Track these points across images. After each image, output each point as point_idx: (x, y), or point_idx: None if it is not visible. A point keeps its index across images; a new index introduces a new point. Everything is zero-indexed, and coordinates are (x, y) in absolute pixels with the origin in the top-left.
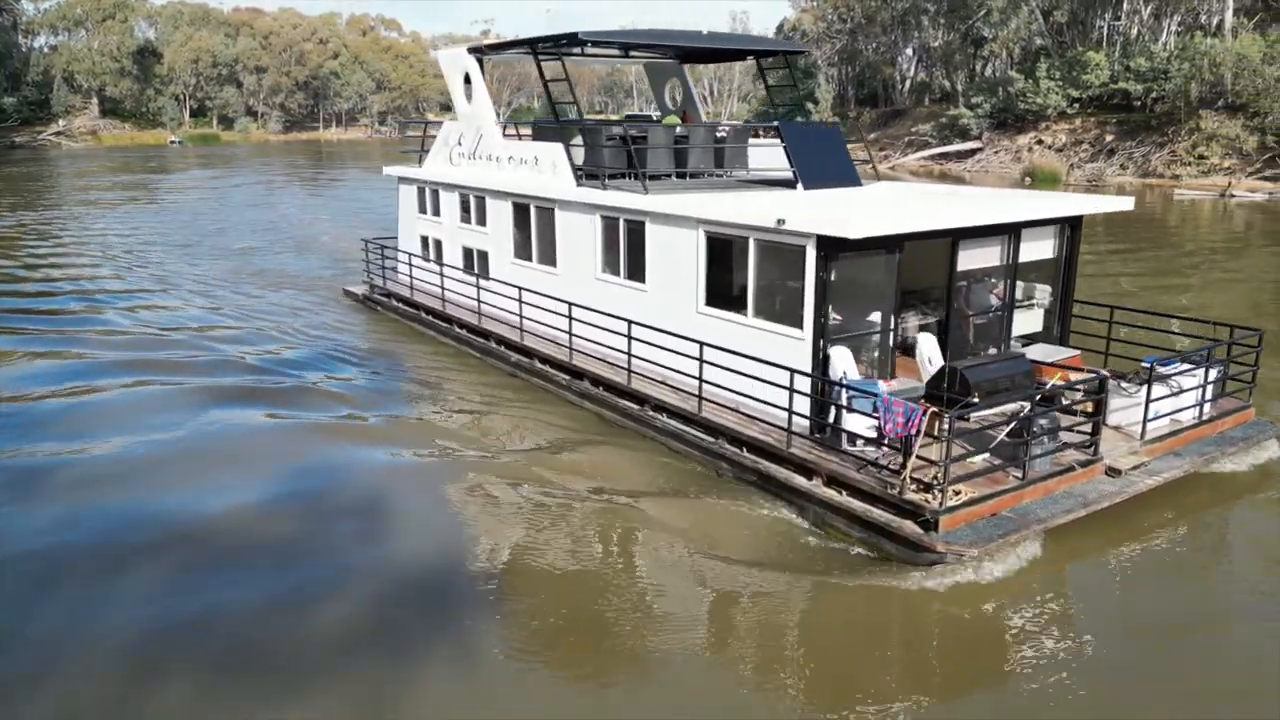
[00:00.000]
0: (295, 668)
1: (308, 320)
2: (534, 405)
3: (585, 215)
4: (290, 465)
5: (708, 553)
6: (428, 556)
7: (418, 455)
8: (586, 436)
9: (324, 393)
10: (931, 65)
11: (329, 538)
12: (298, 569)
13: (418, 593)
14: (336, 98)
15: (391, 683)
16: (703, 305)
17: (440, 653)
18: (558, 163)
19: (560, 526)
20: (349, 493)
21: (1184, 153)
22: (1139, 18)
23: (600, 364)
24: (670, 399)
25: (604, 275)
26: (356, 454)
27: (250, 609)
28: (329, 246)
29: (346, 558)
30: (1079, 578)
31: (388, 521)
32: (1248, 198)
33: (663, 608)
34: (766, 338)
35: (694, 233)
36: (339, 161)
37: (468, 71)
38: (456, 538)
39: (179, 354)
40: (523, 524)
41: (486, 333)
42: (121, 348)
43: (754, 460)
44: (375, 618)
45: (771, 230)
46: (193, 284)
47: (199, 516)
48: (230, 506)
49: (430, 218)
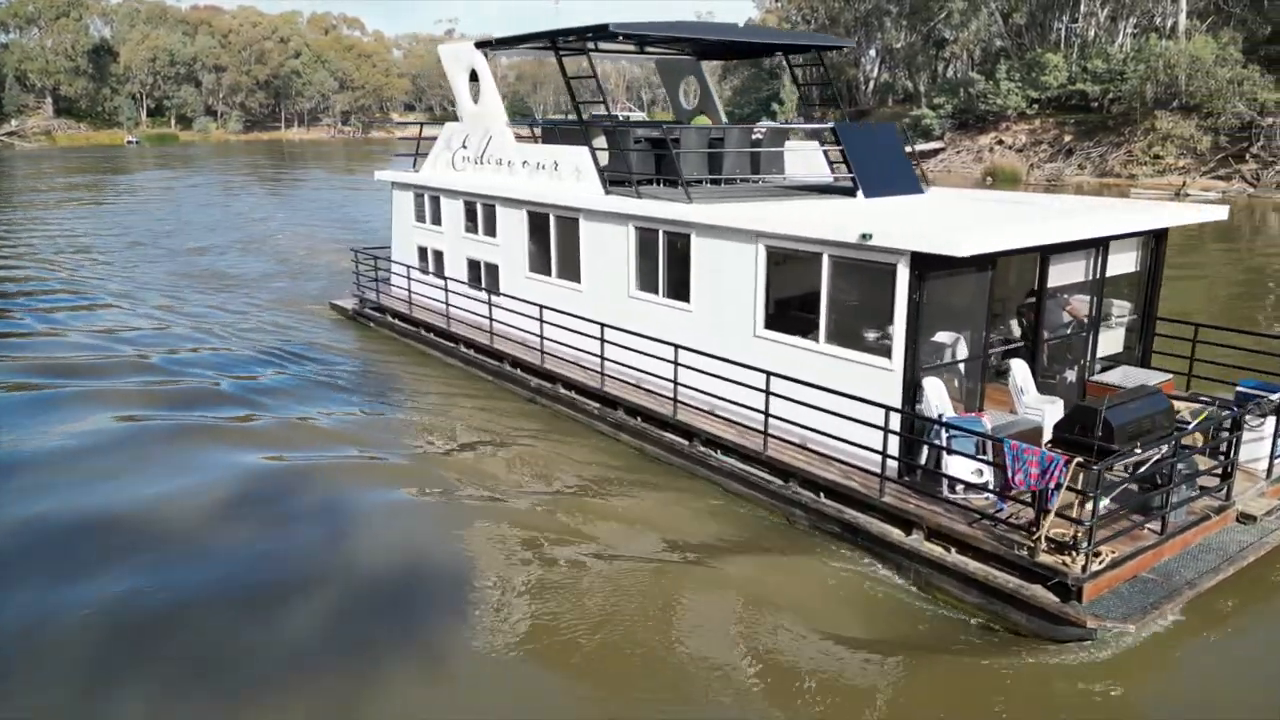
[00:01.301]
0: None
1: (294, 339)
2: (559, 437)
3: (616, 226)
4: (296, 511)
5: (790, 621)
6: (442, 627)
7: (430, 497)
8: (625, 474)
9: (320, 429)
10: (894, 66)
11: (337, 602)
12: (312, 632)
13: (438, 664)
14: (298, 97)
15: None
16: (761, 329)
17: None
18: (582, 168)
19: (604, 589)
20: (356, 550)
21: (1140, 152)
22: (1096, 20)
23: (637, 392)
24: (726, 434)
25: (639, 293)
26: (361, 499)
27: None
28: (308, 255)
29: (363, 627)
30: (1228, 650)
31: (399, 586)
32: (1202, 197)
33: (743, 695)
34: (844, 368)
35: (752, 247)
36: (302, 162)
37: (474, 68)
38: (475, 608)
39: (152, 381)
40: (558, 587)
41: (500, 354)
42: (90, 374)
43: (837, 508)
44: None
45: (852, 246)
46: (165, 298)
47: (208, 577)
48: (236, 561)
49: (429, 227)
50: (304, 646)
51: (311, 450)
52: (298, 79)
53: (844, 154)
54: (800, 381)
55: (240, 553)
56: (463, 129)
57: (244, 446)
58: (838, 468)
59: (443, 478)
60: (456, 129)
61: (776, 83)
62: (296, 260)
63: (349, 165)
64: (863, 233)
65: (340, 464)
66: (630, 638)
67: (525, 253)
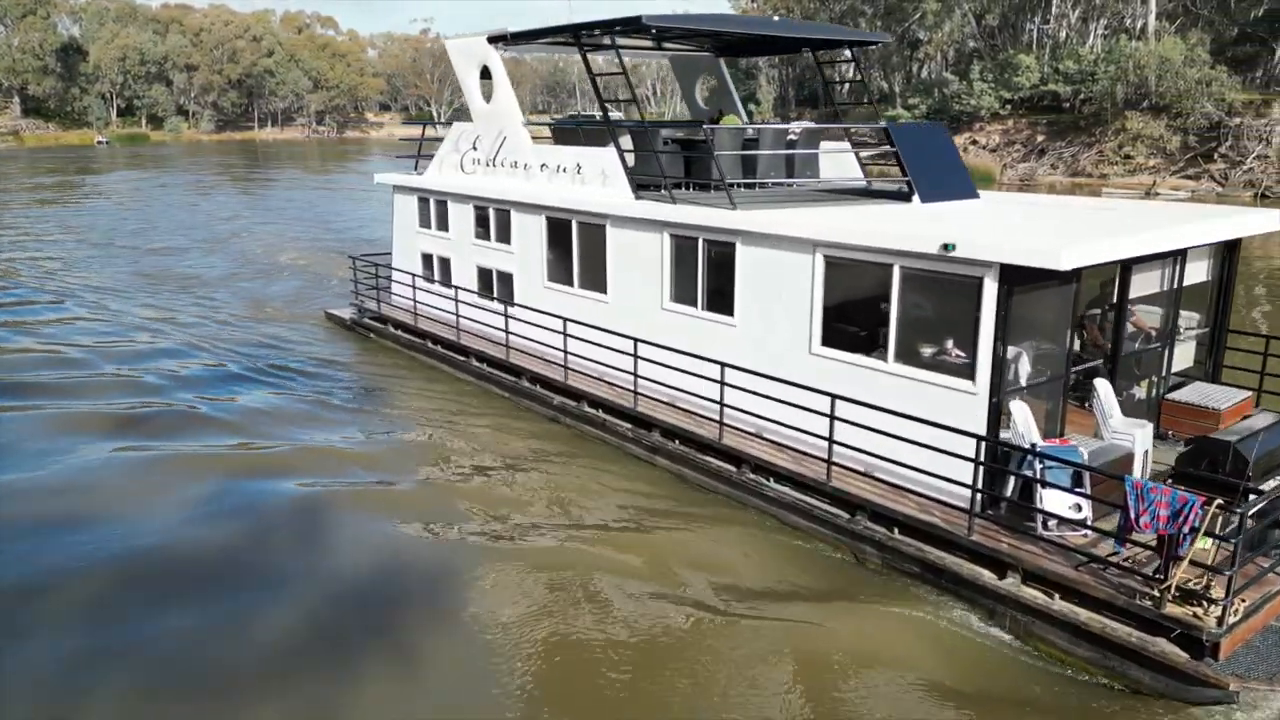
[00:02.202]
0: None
1: (290, 352)
2: (587, 460)
3: (648, 234)
4: (298, 546)
5: (868, 675)
6: (455, 689)
7: (442, 528)
8: (664, 503)
9: (323, 451)
10: (869, 67)
11: (347, 653)
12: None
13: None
14: (271, 97)
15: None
16: (818, 346)
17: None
18: (609, 171)
19: (641, 636)
20: (362, 592)
21: (1111, 152)
22: (1067, 21)
23: (674, 412)
24: (780, 460)
25: (673, 305)
26: (366, 530)
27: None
28: (292, 260)
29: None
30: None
31: (409, 635)
32: (1172, 195)
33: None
34: (917, 390)
35: (808, 258)
36: (276, 163)
37: (485, 64)
38: (490, 663)
39: (141, 403)
40: (586, 635)
41: (518, 369)
42: (81, 394)
43: (917, 547)
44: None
45: (930, 258)
46: (149, 308)
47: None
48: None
49: (435, 233)
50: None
51: (314, 476)
52: (270, 78)
53: (897, 156)
54: (870, 405)
55: (240, 589)
56: (473, 129)
57: (243, 474)
58: (913, 500)
59: (456, 506)
60: (466, 129)
61: (753, 83)
62: (282, 266)
63: (324, 166)
64: (945, 243)
65: (345, 490)
66: (673, 696)
67: (543, 261)
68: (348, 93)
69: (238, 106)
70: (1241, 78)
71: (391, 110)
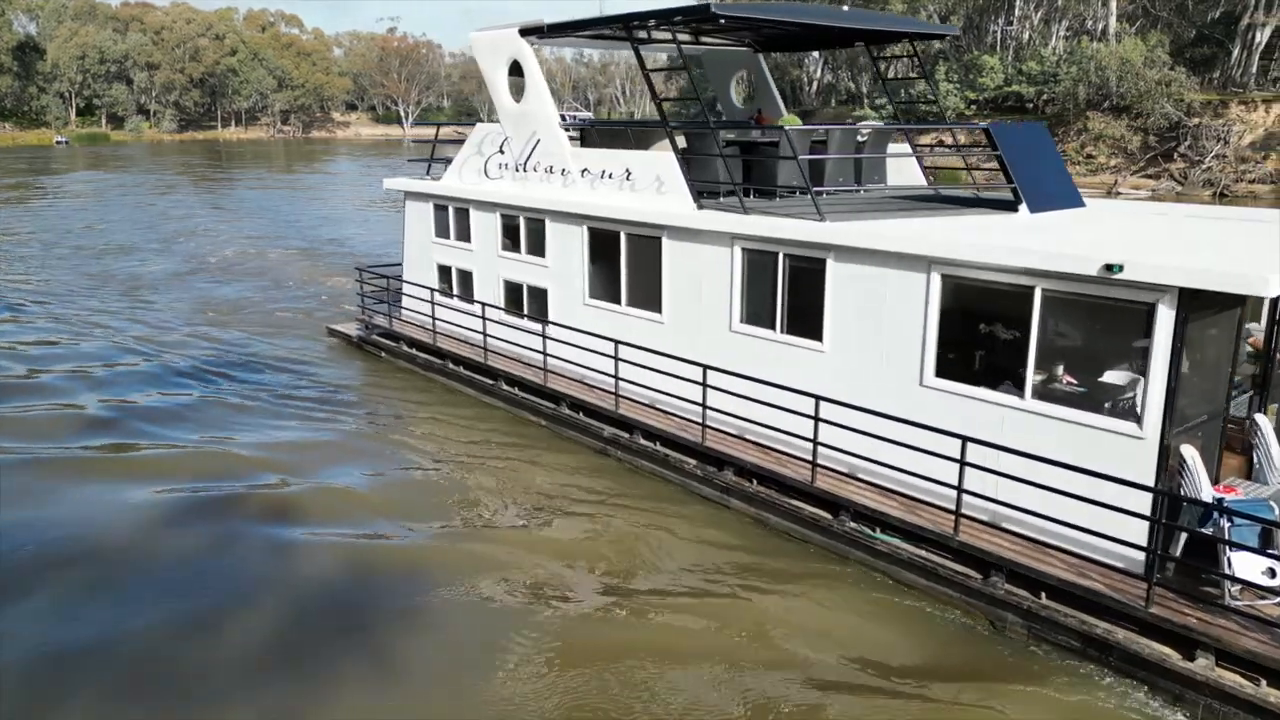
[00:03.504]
0: None
1: (294, 373)
2: (648, 501)
3: (715, 247)
4: (316, 633)
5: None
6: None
7: (481, 592)
8: (746, 556)
9: (339, 493)
10: (837, 68)
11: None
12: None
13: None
14: (235, 96)
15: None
16: (931, 378)
17: None
18: (666, 178)
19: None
20: (401, 672)
21: (1073, 152)
22: (1030, 23)
23: (748, 447)
24: (889, 508)
25: (744, 328)
26: (394, 595)
27: None
28: (281, 267)
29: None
30: None
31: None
32: (1133, 195)
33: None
34: (1063, 432)
35: (921, 277)
36: (240, 163)
37: (516, 59)
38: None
39: (138, 443)
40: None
41: (557, 394)
42: (66, 435)
43: (1077, 618)
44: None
45: (1084, 279)
46: (141, 325)
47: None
48: None
49: (453, 243)
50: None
51: (328, 525)
52: (234, 77)
53: (1001, 160)
54: (1015, 452)
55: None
56: (499, 131)
57: (248, 518)
58: (1061, 560)
59: (495, 557)
60: (491, 131)
61: None
62: (268, 275)
63: (291, 166)
64: (1110, 263)
65: (362, 543)
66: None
67: (584, 276)
68: (313, 92)
69: (200, 106)
70: (1200, 79)
71: (358, 110)
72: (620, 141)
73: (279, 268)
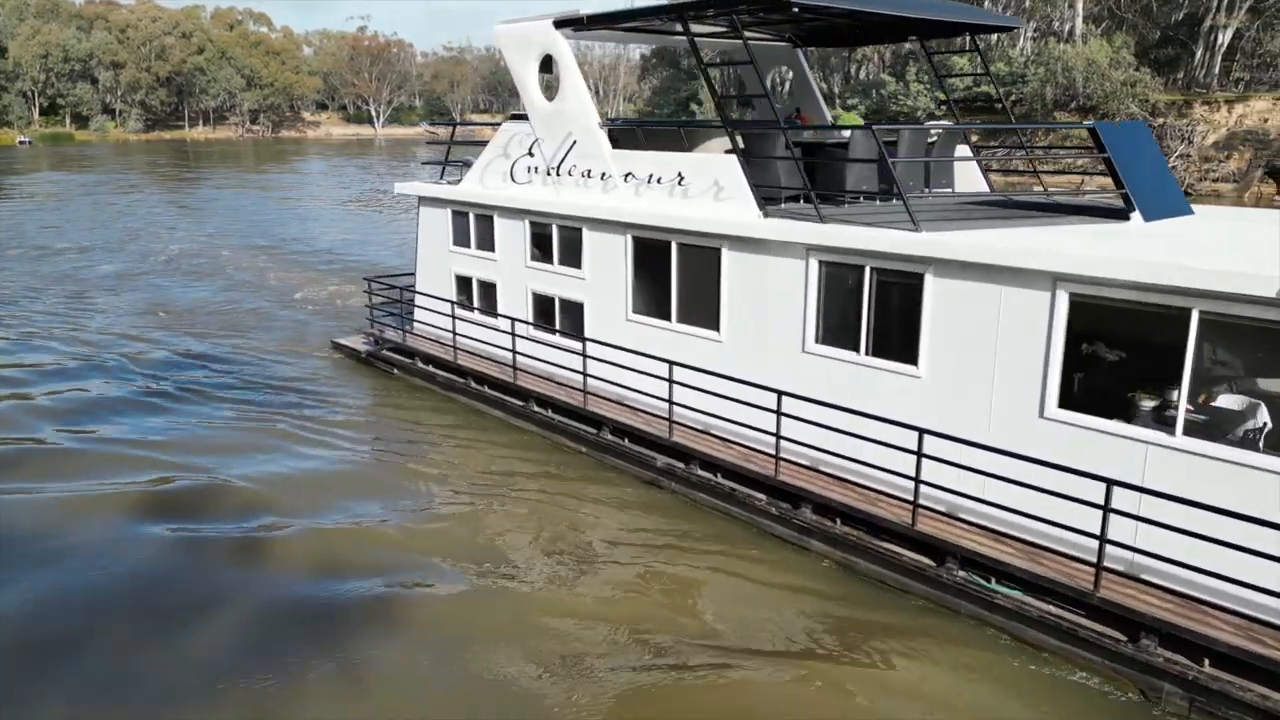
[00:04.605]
0: None
1: (300, 392)
2: (714, 542)
3: (785, 259)
4: None
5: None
6: None
7: (533, 666)
8: (837, 606)
9: (361, 533)
10: (809, 68)
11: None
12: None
13: None
14: (203, 95)
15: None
16: (1053, 408)
17: None
18: (726, 182)
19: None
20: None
21: (1042, 152)
22: None
23: (827, 482)
24: (1009, 556)
25: (820, 348)
26: (438, 674)
27: None
28: (260, 274)
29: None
30: None
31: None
32: (1105, 194)
33: None
34: (1228, 475)
35: (1044, 295)
36: (218, 163)
37: (549, 54)
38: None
39: (145, 480)
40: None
41: (598, 419)
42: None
43: (1258, 693)
44: None
45: (1259, 302)
46: (124, 339)
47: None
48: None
49: (474, 252)
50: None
51: (348, 579)
52: (201, 76)
53: (1109, 163)
54: (1170, 497)
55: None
56: (528, 132)
57: (256, 563)
58: (1227, 622)
59: (534, 621)
60: (519, 132)
61: (695, 83)
62: (256, 284)
63: (261, 165)
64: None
65: (386, 594)
66: None
67: (627, 289)
68: (282, 91)
69: (167, 105)
70: (1164, 79)
71: (329, 110)
72: (655, 143)
73: (268, 274)
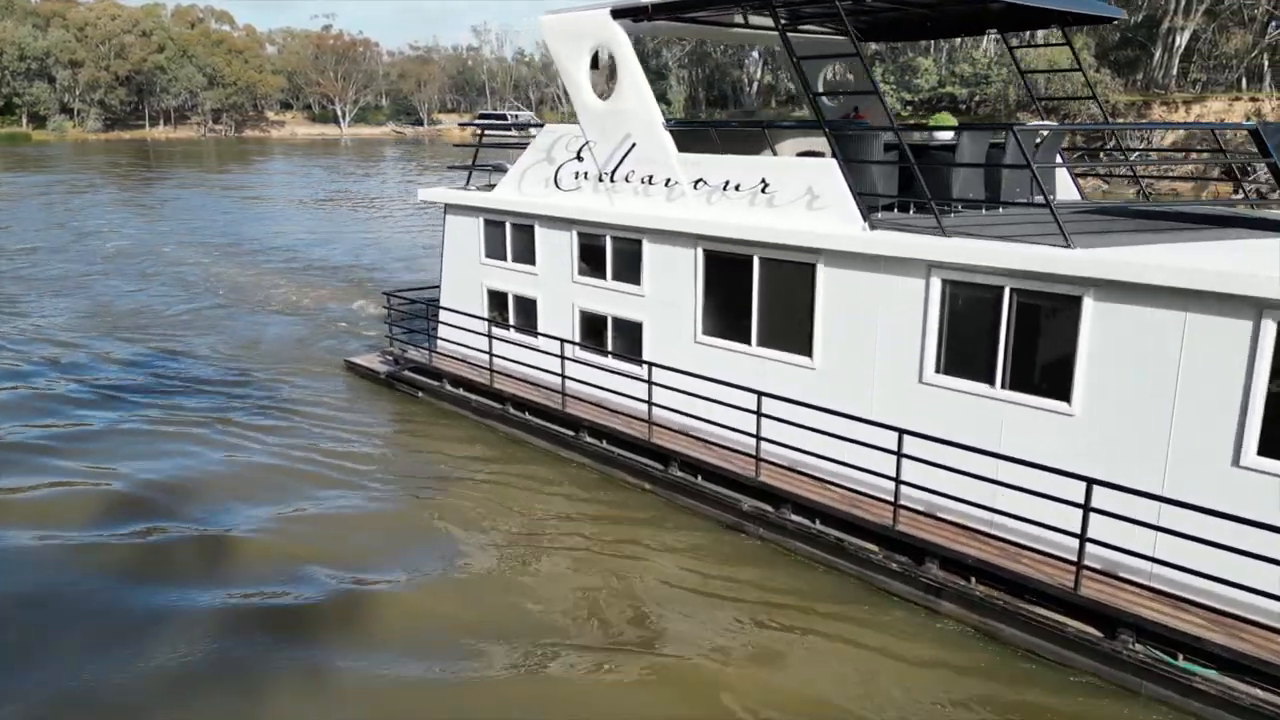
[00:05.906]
0: None
1: (312, 417)
2: (818, 601)
3: (900, 278)
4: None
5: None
6: None
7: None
8: (979, 685)
9: (394, 599)
10: (777, 68)
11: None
12: None
13: None
14: (164, 94)
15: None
16: (1253, 456)
17: None
18: (822, 189)
19: None
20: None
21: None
22: None
23: (955, 533)
24: (1196, 628)
25: (941, 379)
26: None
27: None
28: (252, 281)
29: None
30: None
31: None
32: None
33: None
34: None
35: (1245, 325)
36: (180, 163)
37: (603, 46)
38: None
39: (141, 530)
40: None
41: (664, 453)
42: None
43: None
44: None
45: None
46: (111, 356)
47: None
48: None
49: (511, 265)
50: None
51: (382, 663)
52: (162, 75)
53: (1275, 168)
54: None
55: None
56: (577, 134)
57: (262, 631)
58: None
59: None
60: (564, 134)
61: (663, 83)
62: (249, 294)
63: (223, 165)
64: None
65: (437, 680)
66: None
67: (696, 308)
68: (246, 90)
69: (127, 104)
70: (1124, 80)
71: (293, 109)
72: (710, 146)
73: (257, 284)
